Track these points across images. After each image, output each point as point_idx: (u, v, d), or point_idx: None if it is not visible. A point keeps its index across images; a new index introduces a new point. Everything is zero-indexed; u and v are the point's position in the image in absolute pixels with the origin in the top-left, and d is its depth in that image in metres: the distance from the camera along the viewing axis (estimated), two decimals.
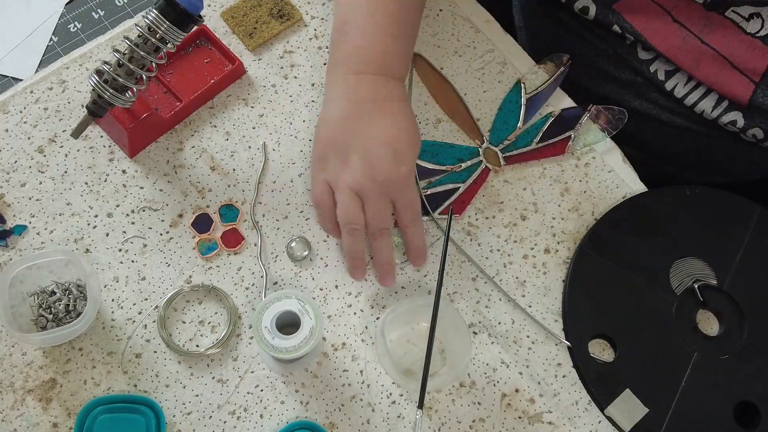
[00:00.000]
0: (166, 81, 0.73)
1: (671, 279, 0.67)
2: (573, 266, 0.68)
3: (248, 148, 0.72)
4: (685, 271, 0.68)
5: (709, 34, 0.68)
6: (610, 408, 0.63)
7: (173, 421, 0.62)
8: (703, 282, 0.67)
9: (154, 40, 0.60)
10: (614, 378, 0.64)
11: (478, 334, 0.66)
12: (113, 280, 0.67)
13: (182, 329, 0.65)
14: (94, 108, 0.63)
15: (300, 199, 0.70)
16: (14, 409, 0.62)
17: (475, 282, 0.68)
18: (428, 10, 0.79)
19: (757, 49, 0.66)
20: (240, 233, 0.69)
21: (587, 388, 0.64)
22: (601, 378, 0.64)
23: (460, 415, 0.63)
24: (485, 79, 0.76)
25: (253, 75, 0.75)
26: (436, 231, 0.70)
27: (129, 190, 0.70)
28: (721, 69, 0.68)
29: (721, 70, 0.68)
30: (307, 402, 0.63)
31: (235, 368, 0.64)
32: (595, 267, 0.68)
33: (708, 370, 0.64)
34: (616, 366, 0.64)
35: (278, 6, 0.77)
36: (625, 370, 0.64)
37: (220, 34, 0.76)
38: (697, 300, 0.66)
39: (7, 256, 0.67)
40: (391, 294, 0.67)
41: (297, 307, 0.58)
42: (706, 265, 0.68)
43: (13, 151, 0.71)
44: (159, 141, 0.72)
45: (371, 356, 0.65)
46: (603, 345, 0.66)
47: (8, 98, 0.73)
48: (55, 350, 0.64)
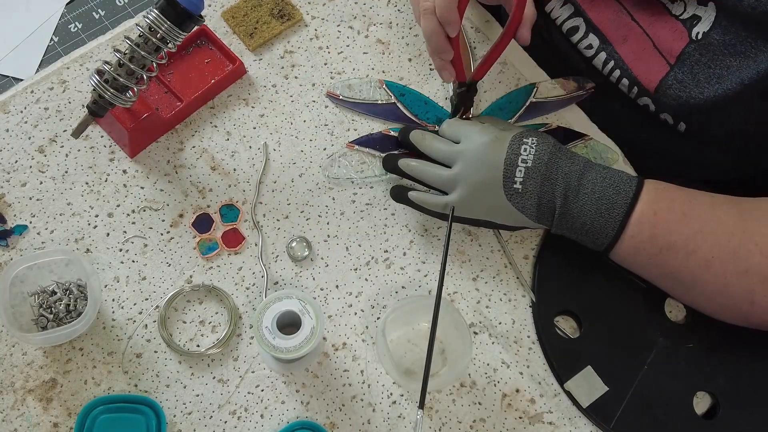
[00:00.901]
0: (166, 81, 0.73)
1: None
2: (543, 242, 0.68)
3: (249, 148, 0.72)
4: None
5: (640, 11, 0.69)
6: (569, 383, 0.63)
7: (174, 421, 0.62)
8: None
9: (154, 40, 0.60)
10: (577, 354, 0.64)
11: (478, 334, 0.66)
12: (114, 279, 0.67)
13: (183, 329, 0.65)
14: (94, 108, 0.63)
15: (300, 199, 0.70)
16: (15, 409, 0.62)
17: (475, 282, 0.68)
18: None
19: (677, 31, 0.66)
20: (240, 233, 0.69)
21: (549, 362, 0.64)
22: (564, 353, 0.64)
23: (460, 415, 0.63)
24: (486, 79, 0.76)
25: (254, 75, 0.75)
26: (437, 232, 0.70)
27: (129, 190, 0.70)
28: (644, 48, 0.69)
29: (643, 49, 0.69)
30: (308, 402, 0.63)
31: (235, 368, 0.64)
32: (567, 244, 0.66)
33: (671, 357, 0.65)
34: (580, 343, 0.65)
35: (279, 6, 0.77)
36: (588, 348, 0.65)
37: (220, 34, 0.76)
38: None
39: (8, 255, 0.67)
40: (392, 294, 0.67)
41: (298, 307, 0.58)
42: None
43: (13, 151, 0.71)
44: (159, 141, 0.72)
45: (372, 356, 0.65)
46: (569, 322, 0.66)
47: (9, 98, 0.73)
48: (55, 350, 0.64)
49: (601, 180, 0.62)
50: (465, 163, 0.63)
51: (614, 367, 0.64)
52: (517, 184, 0.62)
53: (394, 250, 0.69)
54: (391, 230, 0.70)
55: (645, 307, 0.66)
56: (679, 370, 0.64)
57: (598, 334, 0.65)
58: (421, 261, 0.68)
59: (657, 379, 0.64)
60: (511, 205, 0.63)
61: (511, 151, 0.62)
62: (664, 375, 0.64)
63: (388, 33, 0.78)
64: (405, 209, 0.70)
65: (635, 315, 0.66)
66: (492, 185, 0.62)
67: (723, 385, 0.64)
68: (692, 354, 0.65)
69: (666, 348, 0.65)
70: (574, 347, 0.65)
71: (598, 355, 0.64)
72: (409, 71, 0.76)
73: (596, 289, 0.67)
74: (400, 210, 0.70)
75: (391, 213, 0.70)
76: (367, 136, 0.73)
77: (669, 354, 0.65)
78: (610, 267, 0.66)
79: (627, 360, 0.64)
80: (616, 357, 0.64)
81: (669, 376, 0.64)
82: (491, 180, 0.62)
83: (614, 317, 0.66)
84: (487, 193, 0.63)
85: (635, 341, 0.65)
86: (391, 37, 0.78)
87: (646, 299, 0.66)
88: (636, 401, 0.63)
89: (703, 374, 0.64)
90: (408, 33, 0.78)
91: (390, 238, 0.69)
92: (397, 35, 0.78)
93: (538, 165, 0.62)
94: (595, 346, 0.65)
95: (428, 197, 0.65)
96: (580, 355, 0.64)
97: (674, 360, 0.64)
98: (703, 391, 0.64)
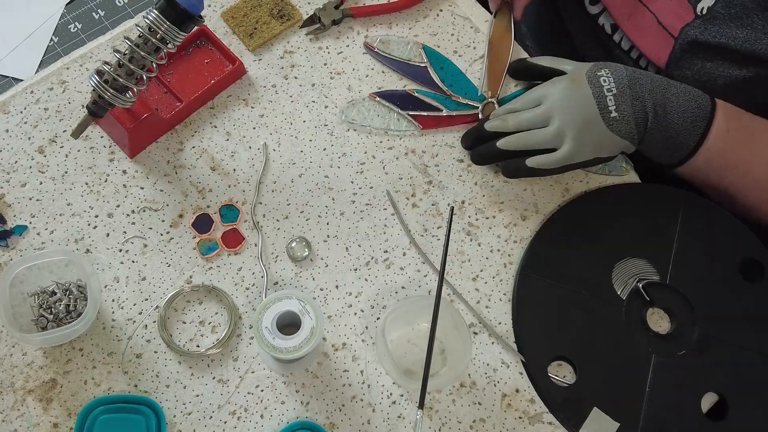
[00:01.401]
0: (166, 81, 0.73)
1: (614, 284, 0.67)
2: (516, 292, 0.67)
3: (249, 148, 0.72)
4: (626, 273, 0.67)
5: None
6: (581, 431, 0.62)
7: (173, 422, 0.62)
8: (646, 280, 0.66)
9: (154, 41, 0.60)
10: (579, 399, 0.63)
11: (478, 334, 0.66)
12: (114, 280, 0.67)
13: (183, 329, 0.65)
14: (94, 108, 0.63)
15: (300, 199, 0.70)
16: (15, 410, 0.62)
17: (475, 282, 0.68)
18: (428, 10, 0.79)
19: (683, 6, 0.67)
20: (240, 233, 0.69)
21: (555, 415, 0.63)
22: (566, 402, 0.63)
23: (460, 416, 0.63)
24: None
25: (254, 75, 0.75)
26: (437, 232, 0.70)
27: (129, 191, 0.70)
28: (648, 24, 0.70)
29: (648, 25, 0.70)
30: (308, 402, 0.63)
31: (235, 368, 0.64)
32: (537, 289, 0.66)
33: (669, 370, 0.64)
34: (579, 386, 0.63)
35: (278, 6, 0.77)
36: (588, 389, 0.63)
37: (220, 34, 0.76)
38: (644, 300, 0.66)
39: (8, 256, 0.67)
40: (392, 294, 0.67)
41: (297, 307, 0.58)
42: (645, 263, 0.67)
43: (13, 152, 0.71)
44: (159, 141, 0.72)
45: (372, 356, 0.65)
46: (563, 367, 0.65)
47: (9, 98, 0.73)
48: (55, 350, 0.64)
49: (682, 94, 0.64)
50: (560, 114, 0.65)
51: (618, 399, 0.63)
52: (613, 113, 0.64)
53: (393, 251, 0.69)
54: (390, 230, 0.70)
55: (628, 327, 0.65)
56: (679, 380, 0.63)
57: (593, 371, 0.64)
58: (420, 261, 0.68)
59: (662, 396, 0.63)
60: (614, 135, 0.64)
61: (593, 86, 0.64)
62: (668, 390, 0.63)
63: (388, 33, 0.78)
64: (404, 209, 0.70)
65: (621, 339, 0.65)
66: (593, 122, 0.64)
67: (725, 383, 0.63)
68: (687, 360, 0.64)
69: (661, 363, 0.64)
70: (575, 392, 0.63)
71: (599, 393, 0.63)
72: None
73: (577, 327, 0.65)
74: (400, 210, 0.70)
75: (390, 213, 0.70)
76: (391, 92, 0.74)
77: (666, 368, 0.64)
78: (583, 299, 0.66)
79: (628, 387, 0.63)
80: (616, 388, 0.63)
81: (673, 389, 0.63)
82: (590, 117, 0.64)
83: (603, 349, 0.64)
84: (591, 131, 0.64)
85: (630, 366, 0.64)
86: (391, 38, 0.78)
87: (627, 319, 0.65)
88: (649, 424, 0.62)
89: (703, 375, 0.64)
90: (407, 33, 0.78)
91: (390, 238, 0.69)
92: (397, 35, 0.78)
93: (623, 89, 0.64)
94: (593, 385, 0.63)
95: (546, 158, 0.66)
96: (582, 399, 0.63)
97: (673, 372, 0.64)
98: (707, 392, 0.63)
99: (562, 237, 0.69)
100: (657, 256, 0.67)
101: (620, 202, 0.70)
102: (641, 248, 0.68)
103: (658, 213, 0.69)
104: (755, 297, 0.66)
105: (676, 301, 0.66)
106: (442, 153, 0.73)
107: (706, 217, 0.69)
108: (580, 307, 0.66)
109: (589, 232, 0.69)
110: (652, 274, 0.67)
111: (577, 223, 0.69)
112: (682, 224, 0.68)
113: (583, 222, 0.69)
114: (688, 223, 0.69)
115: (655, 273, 0.67)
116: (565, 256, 0.68)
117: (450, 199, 0.71)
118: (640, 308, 0.66)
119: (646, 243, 0.68)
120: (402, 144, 0.73)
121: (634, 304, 0.66)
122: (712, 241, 0.68)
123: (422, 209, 0.71)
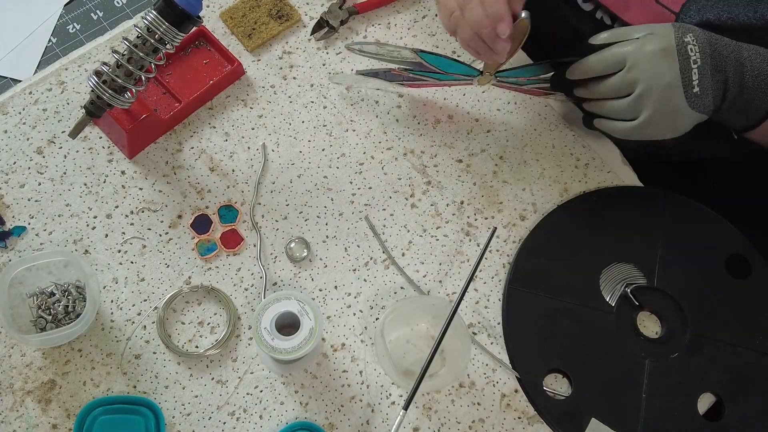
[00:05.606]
0: (165, 82, 0.73)
1: (602, 291, 0.66)
2: (505, 307, 0.66)
3: (247, 148, 0.72)
4: (614, 279, 0.67)
5: None
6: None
7: (172, 422, 0.62)
8: (634, 285, 0.66)
9: (152, 41, 0.60)
10: (577, 411, 0.63)
11: (477, 334, 0.66)
12: (112, 281, 0.67)
13: (181, 330, 0.65)
14: (92, 108, 0.63)
15: (299, 200, 0.70)
16: (14, 411, 0.62)
17: (474, 282, 0.68)
18: (428, 11, 0.79)
19: None
20: (239, 234, 0.69)
21: (554, 429, 0.63)
22: (564, 415, 0.63)
23: (459, 416, 0.63)
24: None
25: (252, 76, 0.75)
26: (436, 232, 0.70)
27: (128, 191, 0.70)
28: (648, 6, 0.68)
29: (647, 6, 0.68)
30: (307, 403, 0.63)
31: (234, 369, 0.64)
32: (526, 302, 0.66)
33: (664, 373, 0.64)
34: (575, 398, 0.63)
35: (277, 7, 0.77)
36: (585, 400, 0.63)
37: (219, 35, 0.76)
38: (633, 304, 0.66)
39: (6, 257, 0.67)
40: (391, 294, 0.67)
41: (296, 307, 0.58)
42: (632, 267, 0.67)
43: (12, 152, 0.71)
44: (158, 142, 0.72)
45: (371, 357, 0.65)
46: (558, 380, 0.64)
47: (7, 99, 0.73)
48: (54, 351, 0.64)
49: (754, 56, 0.62)
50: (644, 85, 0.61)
51: (615, 407, 0.63)
52: (696, 88, 0.61)
53: (392, 251, 0.69)
54: (389, 231, 0.70)
55: (619, 334, 0.65)
56: (674, 382, 0.63)
57: (588, 382, 0.63)
58: (419, 261, 0.68)
59: (659, 401, 0.63)
60: (692, 111, 0.61)
61: (681, 56, 0.61)
62: (664, 394, 0.63)
63: (387, 33, 0.78)
64: (403, 209, 0.70)
65: (614, 347, 0.64)
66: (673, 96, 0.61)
67: (718, 382, 0.63)
68: (681, 362, 0.64)
69: (656, 367, 0.64)
70: (571, 404, 0.63)
71: (596, 402, 0.63)
72: None
73: (569, 338, 0.65)
74: (399, 210, 0.70)
75: (390, 213, 0.70)
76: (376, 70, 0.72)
77: (659, 372, 0.64)
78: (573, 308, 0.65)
79: (625, 394, 0.63)
80: (613, 396, 0.63)
81: (668, 393, 0.63)
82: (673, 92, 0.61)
83: (596, 358, 0.64)
84: (670, 106, 0.61)
85: (625, 373, 0.64)
86: (390, 38, 0.78)
87: (618, 326, 0.65)
88: (648, 430, 0.62)
89: (698, 376, 0.64)
90: (406, 34, 0.78)
91: (389, 238, 0.69)
92: (396, 35, 0.78)
93: (705, 58, 0.61)
94: (590, 395, 0.63)
95: (616, 125, 0.64)
96: (580, 411, 0.63)
97: (667, 375, 0.64)
98: (703, 392, 0.63)
99: (546, 247, 0.68)
100: (643, 259, 0.67)
101: (602, 207, 0.70)
102: (627, 252, 0.67)
103: (641, 215, 0.69)
104: (743, 294, 0.66)
105: (665, 304, 0.66)
106: (440, 153, 0.73)
107: (690, 216, 0.69)
108: (571, 317, 0.66)
109: (572, 239, 0.69)
110: (639, 278, 0.67)
111: (561, 232, 0.69)
112: (666, 223, 0.68)
113: (566, 230, 0.69)
114: (672, 222, 0.68)
115: (642, 276, 0.67)
116: (551, 266, 0.67)
117: (449, 199, 0.71)
118: (630, 313, 0.66)
119: (631, 246, 0.68)
120: (401, 144, 0.73)
121: (623, 310, 0.66)
122: (696, 240, 0.68)
123: (421, 209, 0.71)
